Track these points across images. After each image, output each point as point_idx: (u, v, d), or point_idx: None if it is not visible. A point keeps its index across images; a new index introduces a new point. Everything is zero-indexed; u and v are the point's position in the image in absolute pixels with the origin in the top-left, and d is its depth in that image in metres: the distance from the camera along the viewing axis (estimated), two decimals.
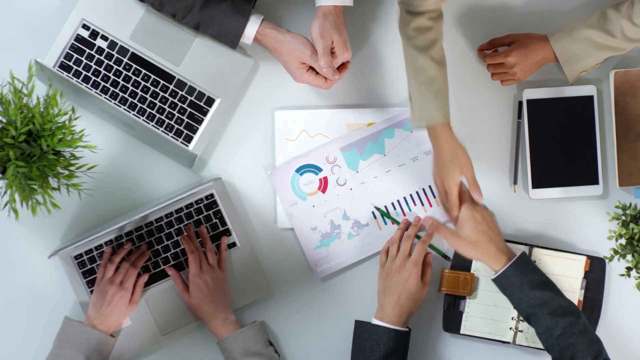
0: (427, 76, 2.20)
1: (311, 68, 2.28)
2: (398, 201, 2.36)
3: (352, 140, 2.37)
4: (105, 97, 2.32)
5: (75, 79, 2.32)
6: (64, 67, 2.32)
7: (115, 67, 2.33)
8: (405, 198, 2.37)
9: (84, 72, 2.32)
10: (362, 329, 2.27)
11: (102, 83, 2.33)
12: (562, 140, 2.36)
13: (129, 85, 2.33)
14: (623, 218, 2.10)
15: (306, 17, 2.34)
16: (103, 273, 2.29)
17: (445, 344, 2.37)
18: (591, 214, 2.38)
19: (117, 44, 2.33)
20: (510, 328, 2.33)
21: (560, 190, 2.36)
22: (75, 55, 2.32)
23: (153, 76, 2.33)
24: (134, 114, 2.33)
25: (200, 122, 2.34)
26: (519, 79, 2.33)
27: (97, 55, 2.33)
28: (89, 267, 2.32)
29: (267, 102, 2.38)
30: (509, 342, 2.33)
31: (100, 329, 2.26)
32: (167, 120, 2.34)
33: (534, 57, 2.31)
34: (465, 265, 2.34)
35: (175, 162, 2.36)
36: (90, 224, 2.35)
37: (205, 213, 2.34)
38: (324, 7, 2.25)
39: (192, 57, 2.34)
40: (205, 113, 2.34)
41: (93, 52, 2.33)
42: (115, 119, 2.31)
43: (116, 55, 2.33)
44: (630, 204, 2.13)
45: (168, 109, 2.34)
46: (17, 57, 2.34)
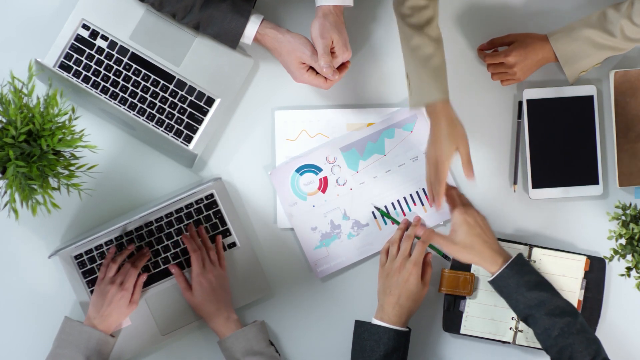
0: (425, 54, 2.19)
1: (311, 68, 2.28)
2: (398, 201, 2.36)
3: (352, 140, 2.37)
4: (105, 97, 2.32)
5: (75, 78, 2.32)
6: (64, 67, 2.32)
7: (115, 67, 2.33)
8: (405, 198, 2.37)
9: (84, 72, 2.32)
10: (362, 329, 2.26)
11: (102, 83, 2.33)
12: (562, 140, 2.36)
13: (129, 85, 2.33)
14: (623, 218, 2.10)
15: (306, 17, 2.34)
16: (105, 273, 2.29)
17: (445, 344, 2.37)
18: (591, 214, 2.38)
19: (117, 44, 2.33)
20: (510, 328, 2.33)
21: (560, 190, 2.36)
22: (75, 55, 2.32)
23: (153, 76, 2.33)
24: (134, 114, 2.33)
25: (200, 122, 2.34)
26: (519, 78, 2.33)
27: (97, 55, 2.33)
28: (89, 267, 2.32)
29: (267, 102, 2.38)
30: (509, 342, 2.33)
31: (100, 329, 2.26)
32: (167, 120, 2.34)
33: (534, 57, 2.31)
34: (465, 266, 2.34)
35: (175, 162, 2.36)
36: (90, 224, 2.35)
37: (205, 213, 2.34)
38: (324, 7, 2.25)
39: (192, 57, 2.34)
40: (205, 113, 2.34)
41: (93, 52, 2.33)
42: (115, 118, 2.31)
43: (116, 55, 2.33)
44: (630, 204, 2.13)
45: (168, 109, 2.34)
46: (17, 57, 2.34)
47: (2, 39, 2.35)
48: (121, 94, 2.33)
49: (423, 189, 2.36)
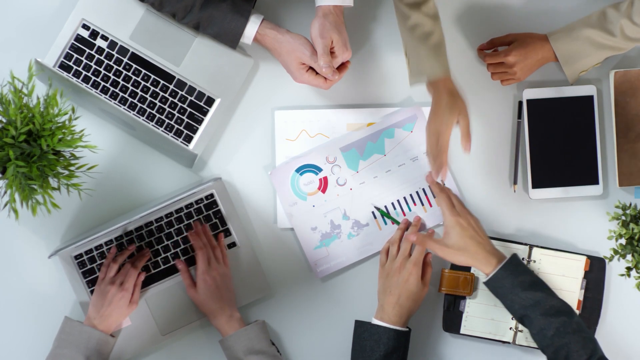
0: (423, 31, 2.19)
1: (311, 68, 2.28)
2: (398, 201, 2.36)
3: (352, 140, 2.37)
4: (105, 97, 2.32)
5: (75, 78, 2.32)
6: (64, 67, 2.32)
7: (115, 67, 2.33)
8: (405, 198, 2.36)
9: (84, 72, 2.32)
10: (362, 329, 2.26)
11: (102, 83, 2.33)
12: (562, 140, 2.36)
13: (129, 85, 2.33)
14: (623, 218, 2.10)
15: (306, 17, 2.34)
16: (105, 273, 2.29)
17: (445, 344, 2.37)
18: (591, 214, 2.38)
19: (117, 43, 2.33)
20: (510, 328, 2.33)
21: (560, 190, 2.36)
22: (75, 55, 2.32)
23: (153, 76, 2.33)
24: (134, 114, 2.33)
25: (200, 122, 2.34)
26: (519, 78, 2.33)
27: (97, 55, 2.33)
28: (89, 267, 2.32)
29: (267, 102, 2.38)
30: (509, 342, 2.33)
31: (100, 329, 2.26)
32: (167, 120, 2.34)
33: (534, 57, 2.31)
34: (465, 266, 2.34)
35: (175, 162, 2.36)
36: (90, 224, 2.35)
37: (205, 213, 2.34)
38: (324, 7, 2.25)
39: (192, 57, 2.34)
40: (205, 113, 2.34)
41: (93, 52, 2.33)
42: (115, 118, 2.31)
43: (116, 55, 2.33)
44: (630, 204, 2.12)
45: (168, 109, 2.34)
46: (17, 57, 2.34)
47: (2, 39, 2.35)
48: (121, 94, 2.33)
49: (423, 189, 2.36)
